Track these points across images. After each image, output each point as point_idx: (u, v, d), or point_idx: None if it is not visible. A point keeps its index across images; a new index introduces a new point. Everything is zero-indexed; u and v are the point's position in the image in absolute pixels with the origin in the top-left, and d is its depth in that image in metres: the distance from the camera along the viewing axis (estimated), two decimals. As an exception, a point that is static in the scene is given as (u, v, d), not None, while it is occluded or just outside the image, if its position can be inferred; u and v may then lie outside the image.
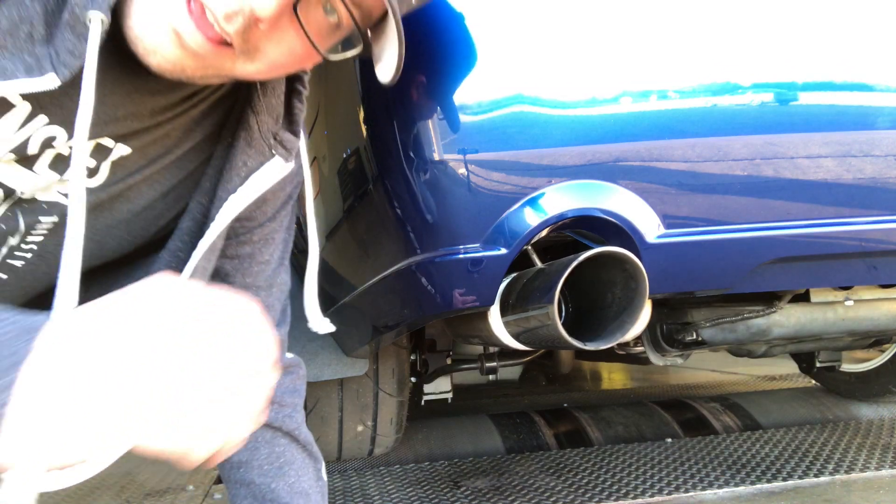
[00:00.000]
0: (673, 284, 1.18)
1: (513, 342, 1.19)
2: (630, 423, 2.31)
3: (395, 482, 1.88)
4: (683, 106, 1.09)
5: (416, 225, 1.13)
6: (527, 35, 1.07)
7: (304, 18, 0.62)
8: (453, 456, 2.11)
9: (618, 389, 3.38)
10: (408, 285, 1.19)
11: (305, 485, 0.95)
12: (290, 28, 0.63)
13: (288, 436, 0.95)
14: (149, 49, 0.61)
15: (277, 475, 0.93)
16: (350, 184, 1.35)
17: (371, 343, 1.58)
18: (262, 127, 0.78)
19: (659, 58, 1.09)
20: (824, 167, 1.14)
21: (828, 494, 1.62)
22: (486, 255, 1.09)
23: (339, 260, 1.60)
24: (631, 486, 1.74)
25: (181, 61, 0.62)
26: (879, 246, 1.20)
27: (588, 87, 1.07)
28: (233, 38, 0.61)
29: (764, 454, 1.95)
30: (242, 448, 0.92)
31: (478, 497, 1.73)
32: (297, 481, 0.94)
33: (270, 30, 0.62)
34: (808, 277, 1.24)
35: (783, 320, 1.41)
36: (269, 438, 0.94)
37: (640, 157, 1.08)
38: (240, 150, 0.77)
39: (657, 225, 1.11)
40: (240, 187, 0.77)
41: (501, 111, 1.05)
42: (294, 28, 0.63)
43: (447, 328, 1.53)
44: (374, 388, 1.89)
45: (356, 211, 1.35)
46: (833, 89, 1.14)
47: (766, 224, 1.15)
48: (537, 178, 1.07)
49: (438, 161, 1.06)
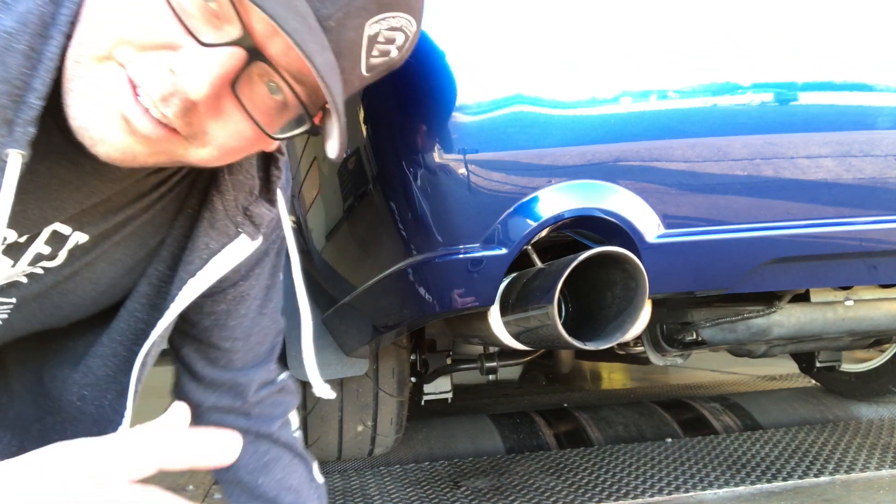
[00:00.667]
0: (673, 284, 1.18)
1: (513, 342, 1.19)
2: (630, 423, 2.31)
3: (395, 482, 1.88)
4: (683, 106, 1.09)
5: (416, 225, 1.13)
6: (526, 35, 1.07)
7: (246, 98, 0.59)
8: (453, 456, 2.11)
9: (618, 389, 3.38)
10: (408, 285, 1.19)
11: (294, 481, 0.96)
12: (236, 110, 0.60)
13: (268, 438, 0.97)
14: (96, 139, 0.58)
15: (263, 472, 0.95)
16: (350, 184, 1.35)
17: (371, 343, 1.58)
18: (227, 206, 0.76)
19: (659, 58, 1.09)
20: (824, 167, 1.14)
21: (828, 494, 1.62)
22: (485, 255, 1.09)
23: (339, 260, 1.60)
24: (631, 486, 1.74)
25: (131, 148, 0.59)
26: (879, 246, 1.20)
27: (588, 87, 1.07)
28: (174, 123, 0.58)
29: (764, 454, 1.95)
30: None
31: (478, 497, 1.73)
32: (285, 477, 0.96)
33: (213, 112, 0.59)
34: (808, 277, 1.24)
35: (783, 320, 1.40)
36: (251, 440, 0.96)
37: (640, 157, 1.08)
38: (202, 231, 0.76)
39: (657, 225, 1.11)
40: (199, 270, 0.77)
41: (501, 111, 1.05)
42: (238, 108, 0.59)
43: (447, 328, 1.52)
44: (374, 388, 1.89)
45: (356, 211, 1.35)
46: (833, 89, 1.14)
47: (766, 224, 1.15)
48: (537, 178, 1.07)
49: (438, 161, 1.06)
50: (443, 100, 1.06)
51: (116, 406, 0.86)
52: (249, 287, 0.87)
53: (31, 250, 0.70)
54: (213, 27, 0.56)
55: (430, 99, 1.07)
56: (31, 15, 0.57)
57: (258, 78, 0.60)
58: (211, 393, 0.93)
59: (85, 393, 0.86)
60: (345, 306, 1.58)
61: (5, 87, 0.56)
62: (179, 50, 0.56)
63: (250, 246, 0.79)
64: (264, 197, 0.79)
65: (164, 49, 0.56)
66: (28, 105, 0.57)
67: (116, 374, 0.85)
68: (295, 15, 0.54)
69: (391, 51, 0.65)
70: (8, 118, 0.57)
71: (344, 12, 0.58)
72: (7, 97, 0.56)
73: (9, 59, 0.56)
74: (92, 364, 0.85)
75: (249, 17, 0.56)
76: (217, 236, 0.77)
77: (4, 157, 0.57)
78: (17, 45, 0.56)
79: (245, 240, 0.78)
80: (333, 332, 1.77)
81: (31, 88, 0.57)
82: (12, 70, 0.56)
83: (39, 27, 0.57)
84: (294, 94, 0.60)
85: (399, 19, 0.63)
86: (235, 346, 0.90)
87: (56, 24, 0.57)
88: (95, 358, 0.85)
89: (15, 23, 0.56)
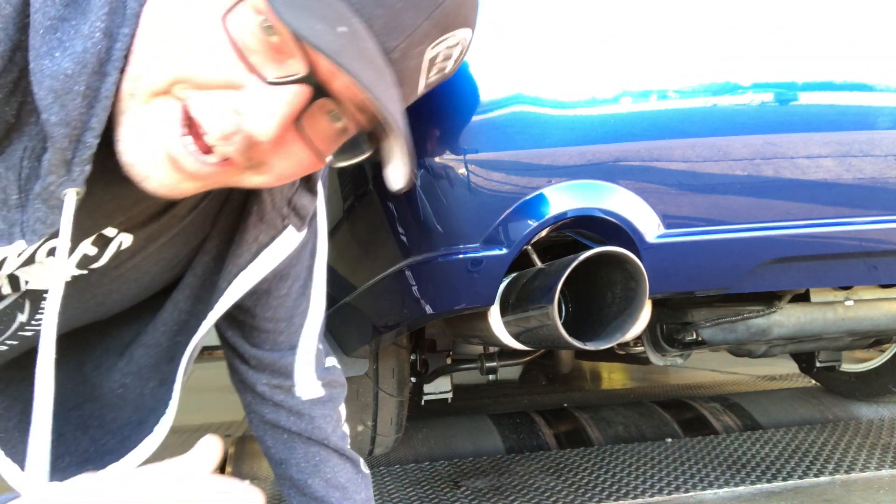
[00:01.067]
0: (673, 284, 1.18)
1: (513, 342, 1.19)
2: (630, 423, 2.31)
3: (395, 482, 1.88)
4: (683, 106, 1.09)
5: (416, 225, 1.13)
6: (527, 35, 1.07)
7: (309, 129, 0.58)
8: (453, 456, 2.11)
9: (618, 389, 3.38)
10: (408, 285, 1.19)
11: (342, 479, 0.99)
12: (296, 141, 0.59)
13: (319, 443, 0.99)
14: (142, 175, 0.58)
15: (313, 472, 0.98)
16: (350, 184, 1.35)
17: (371, 343, 1.58)
18: (274, 199, 0.76)
19: (659, 58, 1.09)
20: (824, 167, 1.14)
21: (828, 494, 1.62)
22: (485, 255, 1.09)
23: (339, 260, 1.60)
24: (631, 486, 1.74)
25: (178, 185, 0.59)
26: (879, 246, 1.20)
27: (588, 87, 1.07)
28: (234, 157, 0.57)
29: (764, 454, 1.95)
30: (281, 447, 0.99)
31: (478, 497, 1.73)
32: (334, 476, 0.99)
33: (276, 146, 0.58)
34: (808, 277, 1.24)
35: (783, 320, 1.40)
36: (303, 442, 0.99)
37: (640, 157, 1.08)
38: (251, 224, 0.76)
39: (657, 225, 1.11)
40: (250, 263, 0.77)
41: (501, 111, 1.05)
42: (300, 140, 0.59)
43: (447, 328, 1.52)
44: (374, 388, 1.89)
45: (356, 211, 1.35)
46: (833, 89, 1.14)
47: (766, 224, 1.15)
48: (537, 178, 1.07)
49: (438, 161, 1.06)
50: (443, 100, 1.06)
51: (157, 395, 0.87)
52: (289, 266, 0.87)
53: (79, 251, 0.71)
54: (275, 62, 0.55)
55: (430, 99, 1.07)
56: (88, 54, 0.55)
57: (319, 109, 0.58)
58: (261, 373, 0.95)
59: (127, 381, 0.87)
60: (345, 306, 1.58)
61: (65, 129, 0.55)
62: (242, 89, 0.54)
63: (297, 238, 0.80)
64: (305, 186, 0.79)
65: (226, 88, 0.55)
66: (85, 145, 0.56)
67: (158, 364, 0.86)
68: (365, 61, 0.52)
69: (447, 66, 0.65)
70: (67, 159, 0.56)
71: (408, 42, 0.57)
72: (67, 139, 0.55)
73: (69, 102, 0.55)
74: (136, 353, 0.86)
75: (314, 53, 0.54)
76: (266, 229, 0.77)
77: (63, 195, 0.57)
78: (76, 87, 0.55)
79: (292, 231, 0.79)
80: (333, 332, 1.78)
81: (88, 128, 0.56)
82: (72, 112, 0.55)
83: (97, 65, 0.55)
84: (355, 123, 0.59)
85: (457, 37, 0.63)
86: (279, 328, 0.91)
87: (111, 59, 0.56)
88: (139, 347, 0.86)
89: (74, 63, 0.54)
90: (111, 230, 0.71)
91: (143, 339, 0.86)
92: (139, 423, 0.87)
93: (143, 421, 0.87)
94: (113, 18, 0.55)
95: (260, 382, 0.95)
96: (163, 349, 0.86)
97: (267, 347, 0.93)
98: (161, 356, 0.86)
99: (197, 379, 1.00)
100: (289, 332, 0.92)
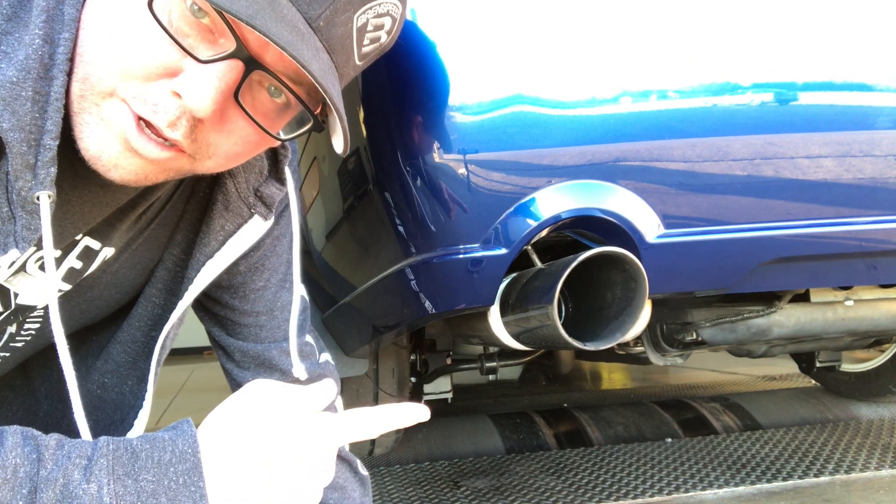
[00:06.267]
0: (673, 284, 1.18)
1: (513, 342, 1.19)
2: (630, 423, 2.31)
3: (395, 482, 1.88)
4: (683, 106, 1.09)
5: (416, 225, 1.13)
6: (526, 35, 1.07)
7: (249, 104, 0.62)
8: (453, 456, 2.11)
9: (618, 389, 3.38)
10: (407, 285, 1.19)
11: (340, 480, 0.99)
12: (238, 117, 0.62)
13: None
14: (109, 165, 0.61)
15: None
16: (350, 184, 1.35)
17: (371, 343, 1.58)
18: (239, 188, 0.79)
19: (659, 58, 1.09)
20: (824, 167, 1.14)
21: (828, 494, 1.62)
22: (485, 255, 1.09)
23: (339, 260, 1.60)
24: (631, 486, 1.74)
25: (143, 169, 0.62)
26: (879, 246, 1.20)
27: (588, 87, 1.07)
28: (181, 143, 0.61)
29: (764, 454, 1.95)
30: None
31: (478, 497, 1.73)
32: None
33: (217, 124, 0.62)
34: (808, 277, 1.24)
35: (783, 320, 1.40)
36: None
37: (640, 157, 1.08)
38: (217, 213, 0.79)
39: (657, 225, 1.11)
40: (217, 252, 0.80)
41: (501, 111, 1.05)
42: (242, 116, 0.62)
43: (447, 328, 1.52)
44: (374, 388, 1.89)
45: (356, 211, 1.35)
46: (833, 89, 1.14)
47: (766, 224, 1.15)
48: (537, 178, 1.07)
49: (438, 161, 1.06)
50: (443, 100, 1.06)
51: (136, 392, 0.88)
52: (263, 258, 0.88)
53: (65, 265, 0.74)
54: (209, 43, 0.59)
55: (431, 99, 1.07)
56: (30, 60, 0.58)
57: (258, 84, 0.62)
58: (247, 371, 0.95)
59: (105, 381, 0.89)
60: (345, 306, 1.58)
61: (21, 134, 0.58)
62: (181, 73, 0.58)
63: (263, 226, 0.82)
64: (274, 176, 0.81)
65: (166, 77, 0.58)
66: (45, 147, 0.59)
67: (136, 360, 0.88)
68: (285, 24, 0.56)
69: (381, 36, 0.67)
70: (30, 163, 0.59)
71: (332, 10, 0.60)
72: (24, 144, 0.58)
73: (18, 108, 0.58)
74: (112, 351, 0.88)
75: (242, 29, 0.57)
76: (232, 218, 0.79)
77: (36, 199, 0.60)
78: (23, 93, 0.58)
79: (258, 220, 0.80)
80: (333, 332, 1.78)
81: (45, 131, 0.59)
82: (24, 117, 0.58)
83: (41, 70, 0.58)
84: (294, 94, 0.62)
85: (385, 5, 0.65)
86: (259, 321, 0.92)
87: (55, 63, 0.59)
88: (115, 344, 0.88)
89: (17, 71, 0.58)
90: (95, 243, 0.74)
91: (119, 337, 0.87)
92: (121, 420, 0.89)
93: (124, 419, 0.88)
94: (52, 25, 0.59)
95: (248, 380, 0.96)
96: (139, 345, 0.87)
97: (251, 340, 0.93)
98: (138, 352, 0.87)
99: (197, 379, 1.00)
100: (271, 326, 0.93)
